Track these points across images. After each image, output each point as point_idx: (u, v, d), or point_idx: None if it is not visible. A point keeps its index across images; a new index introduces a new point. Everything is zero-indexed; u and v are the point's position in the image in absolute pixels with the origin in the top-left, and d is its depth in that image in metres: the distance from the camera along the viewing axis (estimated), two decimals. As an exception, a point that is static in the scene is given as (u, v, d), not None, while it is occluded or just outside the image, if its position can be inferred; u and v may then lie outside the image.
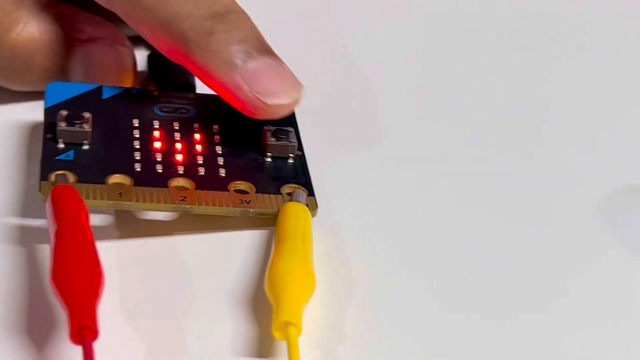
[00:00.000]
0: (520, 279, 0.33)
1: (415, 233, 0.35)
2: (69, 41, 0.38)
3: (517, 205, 0.37)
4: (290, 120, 0.36)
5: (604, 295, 0.33)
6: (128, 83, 0.39)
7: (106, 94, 0.36)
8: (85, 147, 0.33)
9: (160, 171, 0.33)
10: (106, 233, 0.33)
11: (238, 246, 0.33)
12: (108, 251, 0.31)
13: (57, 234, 0.29)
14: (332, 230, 0.34)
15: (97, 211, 0.33)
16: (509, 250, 0.35)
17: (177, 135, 0.34)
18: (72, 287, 0.28)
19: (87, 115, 0.34)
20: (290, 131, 0.35)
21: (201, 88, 0.38)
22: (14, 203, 0.34)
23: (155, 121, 0.35)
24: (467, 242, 0.35)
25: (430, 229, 0.35)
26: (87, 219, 0.30)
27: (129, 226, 0.33)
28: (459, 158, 0.39)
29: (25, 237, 0.33)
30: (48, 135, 0.33)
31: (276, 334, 0.28)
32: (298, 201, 0.32)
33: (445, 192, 0.38)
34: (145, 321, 0.30)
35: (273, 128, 0.35)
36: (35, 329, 0.29)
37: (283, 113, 0.35)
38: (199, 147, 0.34)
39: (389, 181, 0.37)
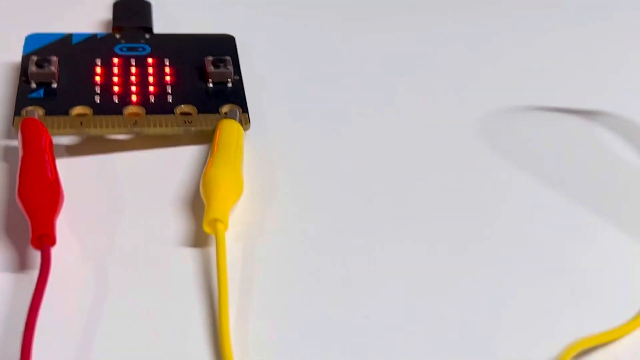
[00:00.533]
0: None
1: (338, 150, 0.34)
2: None
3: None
4: (229, 50, 0.36)
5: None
6: None
7: (75, 40, 0.36)
8: (54, 85, 0.33)
9: (116, 101, 0.32)
10: (71, 152, 0.32)
11: (182, 159, 0.32)
12: (70, 168, 0.31)
13: (23, 159, 0.29)
14: (264, 144, 0.33)
15: (64, 134, 0.32)
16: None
17: (133, 70, 0.34)
18: (33, 203, 0.28)
19: (54, 58, 0.34)
20: (227, 59, 0.35)
21: (157, 30, 0.38)
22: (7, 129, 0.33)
23: (114, 59, 0.34)
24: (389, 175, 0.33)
25: (356, 149, 0.34)
26: (50, 145, 0.30)
27: (89, 146, 0.33)
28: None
29: (12, 151, 0.32)
30: (23, 78, 0.33)
31: (206, 228, 0.28)
32: (232, 118, 0.32)
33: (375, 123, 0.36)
34: (102, 222, 0.30)
35: (212, 58, 0.35)
36: (9, 235, 0.29)
37: None
38: (150, 79, 0.34)
39: (324, 109, 0.36)
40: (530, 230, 0.30)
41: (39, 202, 0.28)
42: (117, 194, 0.31)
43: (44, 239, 0.27)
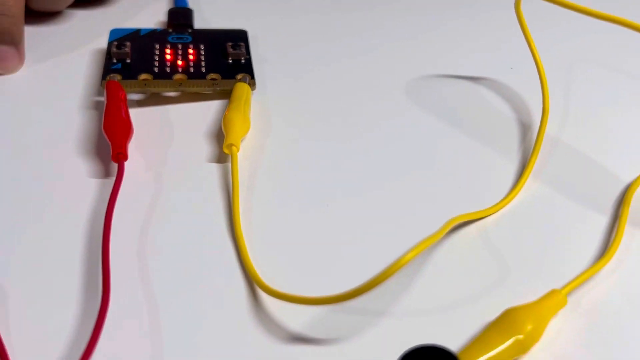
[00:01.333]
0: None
1: (313, 103, 0.33)
2: None
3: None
4: (243, 38, 0.36)
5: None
6: None
7: (142, 32, 0.35)
8: (128, 60, 0.33)
9: (168, 70, 0.33)
10: (139, 101, 0.33)
11: (211, 108, 0.33)
12: (138, 114, 0.31)
13: (107, 106, 0.30)
14: (263, 98, 0.33)
15: (134, 92, 0.33)
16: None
17: (179, 51, 0.34)
18: (113, 132, 0.29)
19: (128, 44, 0.34)
20: (241, 44, 0.35)
21: (196, 26, 0.38)
22: (97, 89, 0.33)
23: (167, 44, 0.34)
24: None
25: (324, 102, 0.34)
26: (124, 99, 0.31)
27: (149, 100, 0.33)
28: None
29: (99, 104, 0.32)
30: (107, 56, 0.33)
31: (225, 150, 0.29)
32: (244, 82, 0.32)
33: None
34: (158, 147, 0.30)
35: (231, 43, 0.34)
36: (98, 155, 0.30)
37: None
38: (191, 57, 0.34)
39: (304, 77, 0.35)
40: (434, 153, 0.30)
41: (117, 132, 0.29)
42: (168, 130, 0.31)
43: (120, 156, 0.28)
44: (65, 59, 0.35)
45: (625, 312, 0.23)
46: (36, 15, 0.37)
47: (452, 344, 0.22)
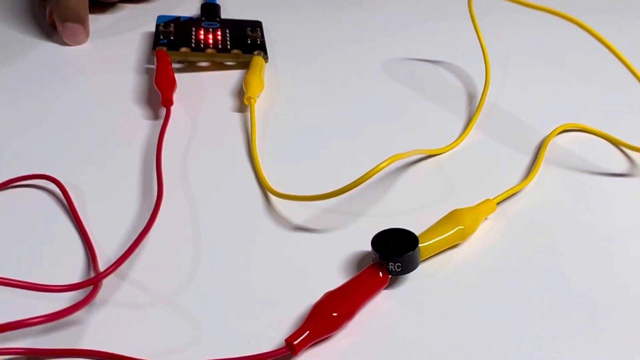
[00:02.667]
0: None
1: (310, 73, 0.35)
2: None
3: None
4: (259, 26, 0.37)
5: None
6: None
7: (182, 19, 0.36)
8: (171, 37, 0.35)
9: (202, 46, 0.34)
10: (180, 69, 0.34)
11: (234, 75, 0.34)
12: (179, 77, 0.33)
13: (157, 68, 0.32)
14: (275, 68, 0.35)
15: (176, 61, 0.34)
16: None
17: (210, 33, 0.35)
18: (162, 85, 0.31)
19: (172, 25, 0.36)
20: (258, 30, 0.36)
21: (223, 16, 0.38)
22: (149, 57, 0.35)
23: (201, 27, 0.36)
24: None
25: (319, 75, 0.35)
26: (169, 62, 0.33)
27: (188, 68, 0.35)
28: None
29: (149, 69, 0.34)
30: (156, 34, 0.35)
31: (245, 102, 0.31)
32: (259, 56, 0.34)
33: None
34: (194, 99, 0.32)
35: (249, 28, 0.36)
36: (150, 103, 0.32)
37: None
38: (219, 37, 0.35)
39: (303, 53, 0.37)
40: (403, 113, 0.32)
41: (165, 84, 0.31)
42: (201, 88, 0.34)
43: (167, 102, 0.31)
44: (122, 37, 0.38)
45: (537, 218, 0.27)
46: (99, 6, 0.40)
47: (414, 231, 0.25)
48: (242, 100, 0.32)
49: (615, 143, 0.30)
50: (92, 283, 0.21)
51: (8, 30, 0.38)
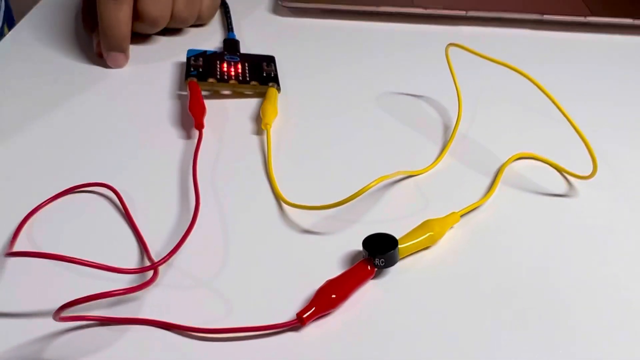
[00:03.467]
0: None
1: (314, 104, 0.38)
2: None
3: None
4: (272, 61, 0.40)
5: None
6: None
7: (208, 53, 0.39)
8: (200, 70, 0.38)
9: (225, 77, 0.37)
10: (206, 96, 0.37)
11: (252, 103, 0.38)
12: (208, 103, 0.37)
13: (190, 97, 0.36)
14: (286, 97, 0.38)
15: (204, 90, 0.38)
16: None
17: (232, 67, 0.38)
18: (195, 111, 0.35)
19: (200, 58, 0.39)
20: (272, 64, 0.39)
21: (242, 51, 0.41)
22: (180, 84, 0.39)
23: (224, 61, 0.39)
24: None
25: (324, 107, 0.38)
26: (200, 92, 0.36)
27: (213, 95, 0.38)
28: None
29: (182, 97, 0.38)
30: (187, 65, 0.38)
31: (262, 127, 0.35)
32: (273, 87, 0.38)
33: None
34: (220, 122, 0.36)
35: (265, 62, 0.39)
36: (184, 126, 0.36)
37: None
38: (240, 70, 0.38)
39: (309, 87, 0.40)
40: (389, 138, 0.35)
41: (198, 111, 0.35)
42: (226, 114, 0.37)
43: (199, 126, 0.35)
44: (156, 65, 0.42)
45: (493, 228, 0.32)
46: (137, 37, 0.44)
47: (395, 235, 0.30)
48: (260, 125, 0.36)
49: (559, 169, 0.36)
50: (152, 268, 0.27)
51: (64, 59, 0.42)
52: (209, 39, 0.45)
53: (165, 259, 0.28)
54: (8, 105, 0.38)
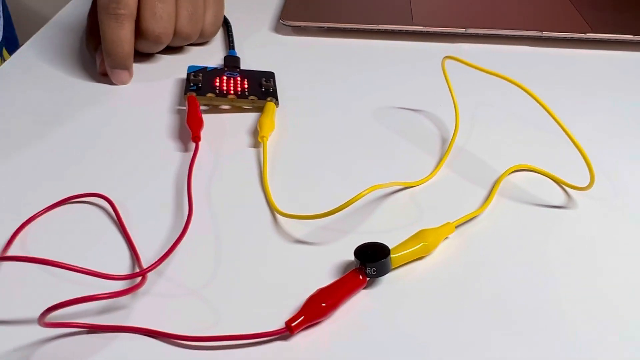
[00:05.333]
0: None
1: (313, 117, 0.38)
2: None
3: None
4: (272, 76, 0.40)
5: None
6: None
7: (209, 69, 0.39)
8: (200, 85, 0.38)
9: (224, 92, 0.37)
10: (206, 110, 0.38)
11: (250, 117, 0.38)
12: (207, 117, 0.37)
13: (188, 111, 0.36)
14: (284, 112, 0.38)
15: (203, 105, 0.38)
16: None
17: (231, 82, 0.38)
18: (192, 124, 0.35)
19: (200, 74, 0.39)
20: (271, 80, 0.39)
21: (242, 67, 0.42)
22: (180, 100, 0.39)
23: (224, 77, 0.39)
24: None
25: (321, 120, 0.38)
26: (198, 106, 0.36)
27: (212, 110, 0.38)
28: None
29: (181, 111, 0.38)
30: (187, 80, 0.38)
31: (259, 139, 0.35)
32: (272, 102, 0.38)
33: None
34: (217, 136, 0.36)
35: (264, 78, 0.39)
36: (182, 138, 0.36)
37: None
38: (239, 86, 0.38)
39: (308, 102, 0.40)
40: (388, 151, 0.35)
41: (194, 124, 0.35)
42: (223, 128, 0.37)
43: (196, 138, 0.34)
44: (158, 82, 0.42)
45: (489, 240, 0.31)
46: (141, 55, 0.44)
47: (388, 245, 0.29)
48: (257, 138, 0.36)
49: (556, 181, 0.35)
50: (141, 274, 0.27)
51: (68, 77, 0.43)
52: (211, 57, 0.45)
53: (154, 266, 0.27)
54: (12, 118, 0.38)
